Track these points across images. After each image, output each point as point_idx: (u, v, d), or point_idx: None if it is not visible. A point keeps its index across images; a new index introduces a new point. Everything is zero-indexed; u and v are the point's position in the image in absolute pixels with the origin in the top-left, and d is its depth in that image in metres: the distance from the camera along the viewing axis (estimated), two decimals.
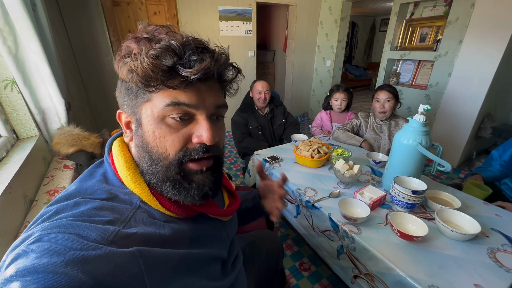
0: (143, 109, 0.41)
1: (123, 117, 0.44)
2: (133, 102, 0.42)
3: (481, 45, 2.15)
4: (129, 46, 0.39)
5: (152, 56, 0.36)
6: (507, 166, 1.35)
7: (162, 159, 0.41)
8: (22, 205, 0.81)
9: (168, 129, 0.40)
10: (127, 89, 0.42)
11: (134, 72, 0.37)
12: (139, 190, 0.42)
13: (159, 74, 0.37)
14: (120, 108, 0.44)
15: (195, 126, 0.42)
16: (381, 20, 6.60)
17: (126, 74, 0.39)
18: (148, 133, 0.41)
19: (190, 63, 0.37)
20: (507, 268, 0.72)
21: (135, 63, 0.37)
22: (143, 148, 0.42)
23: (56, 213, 0.36)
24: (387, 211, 0.97)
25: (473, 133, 2.43)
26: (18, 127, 1.09)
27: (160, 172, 0.41)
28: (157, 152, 0.41)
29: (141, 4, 2.46)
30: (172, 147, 0.41)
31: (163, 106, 0.39)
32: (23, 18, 0.95)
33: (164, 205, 0.43)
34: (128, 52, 0.39)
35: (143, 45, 0.38)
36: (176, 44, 0.37)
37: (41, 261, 0.28)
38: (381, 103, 1.56)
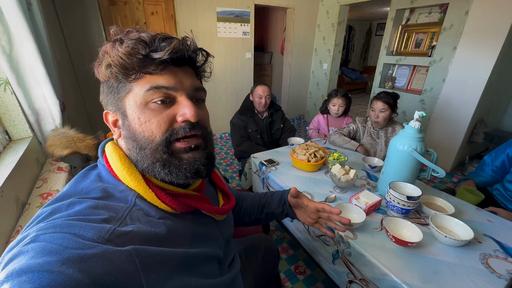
0: (126, 101, 0.43)
1: (110, 117, 0.46)
2: (116, 97, 0.44)
3: (475, 52, 2.19)
4: (104, 50, 0.42)
5: (126, 46, 0.40)
6: (498, 171, 1.37)
7: (149, 142, 0.43)
8: (14, 208, 0.80)
9: (152, 113, 0.42)
10: (108, 87, 0.44)
11: (112, 65, 0.40)
12: (135, 183, 0.42)
13: (134, 61, 0.40)
14: (105, 109, 0.47)
15: (177, 107, 0.44)
16: (378, 24, 6.68)
17: (105, 71, 0.41)
18: (134, 121, 0.43)
19: (161, 48, 0.41)
20: (498, 274, 0.73)
21: (111, 57, 0.40)
22: (131, 137, 0.44)
23: (51, 213, 0.37)
24: (382, 216, 0.98)
25: (466, 138, 2.47)
26: (10, 128, 1.07)
27: (149, 155, 0.43)
28: (144, 137, 0.43)
29: (138, 4, 2.44)
30: (158, 129, 0.42)
31: (144, 92, 0.42)
32: (17, 17, 0.94)
33: (160, 197, 0.43)
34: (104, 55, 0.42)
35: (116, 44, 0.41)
36: (145, 35, 0.41)
37: (37, 261, 0.29)
38: (376, 113, 1.57)
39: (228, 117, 2.08)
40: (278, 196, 0.78)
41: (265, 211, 0.78)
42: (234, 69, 3.24)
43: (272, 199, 0.78)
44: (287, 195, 0.75)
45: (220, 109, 3.31)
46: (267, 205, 0.78)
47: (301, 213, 0.74)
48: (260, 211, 0.78)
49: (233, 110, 2.07)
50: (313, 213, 0.71)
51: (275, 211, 0.76)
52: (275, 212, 0.76)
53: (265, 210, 0.78)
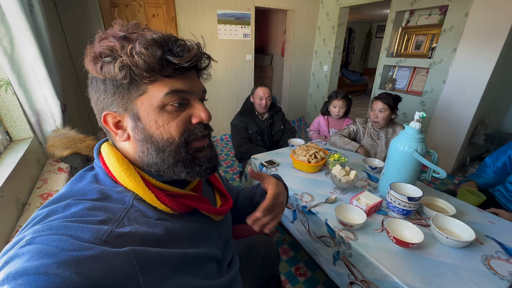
0: (138, 103, 0.42)
1: (110, 118, 0.43)
2: (124, 98, 0.42)
3: (475, 53, 2.19)
4: (108, 45, 0.39)
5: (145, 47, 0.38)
6: (500, 173, 1.37)
7: (169, 145, 0.43)
8: (14, 208, 0.80)
9: (170, 116, 0.43)
10: (115, 87, 0.41)
11: (131, 66, 0.38)
12: (134, 184, 0.42)
13: (156, 64, 0.39)
14: (105, 110, 0.43)
15: (191, 109, 0.45)
16: (378, 26, 6.70)
17: (117, 71, 0.38)
18: (150, 124, 0.42)
19: (177, 53, 0.41)
20: (501, 275, 0.73)
21: (129, 57, 0.38)
22: (146, 140, 0.43)
23: (47, 215, 0.36)
24: (383, 217, 0.98)
25: (467, 139, 2.46)
26: (11, 129, 1.07)
27: (170, 157, 0.44)
28: (163, 139, 0.43)
29: (139, 6, 2.46)
30: (176, 131, 0.43)
31: (162, 95, 0.41)
32: (19, 18, 0.94)
33: (159, 198, 0.43)
34: (109, 52, 0.39)
35: (126, 42, 0.39)
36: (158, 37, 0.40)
37: (33, 263, 0.28)
38: (375, 113, 1.57)
39: (229, 118, 2.09)
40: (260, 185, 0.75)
41: (253, 203, 0.75)
42: (235, 71, 3.25)
43: (258, 189, 0.76)
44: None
45: (221, 110, 3.31)
46: (254, 197, 0.76)
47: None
48: (250, 204, 0.76)
49: (234, 111, 2.08)
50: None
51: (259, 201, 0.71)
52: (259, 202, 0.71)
53: (253, 202, 0.75)
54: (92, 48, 0.41)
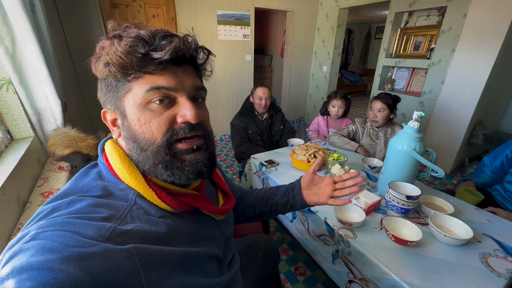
0: (125, 101, 0.42)
1: (108, 116, 0.45)
2: (114, 97, 0.43)
3: (473, 54, 2.21)
4: (102, 46, 0.41)
5: (125, 45, 0.38)
6: (497, 172, 1.38)
7: (150, 144, 0.42)
8: (16, 207, 0.80)
9: (152, 114, 0.42)
10: (107, 85, 0.43)
11: (111, 64, 0.39)
12: (135, 182, 0.42)
13: (133, 61, 0.39)
14: (104, 107, 0.46)
15: (177, 108, 0.43)
16: (377, 27, 6.73)
17: (103, 69, 0.40)
18: (134, 121, 0.42)
19: (161, 47, 0.40)
20: (498, 273, 0.73)
21: (109, 55, 0.39)
22: (131, 138, 0.43)
23: (52, 211, 0.37)
24: (382, 216, 0.98)
25: (466, 139, 2.48)
26: (12, 128, 1.08)
27: (151, 157, 0.43)
28: (145, 138, 0.42)
29: (139, 6, 2.47)
30: (158, 130, 0.42)
31: (144, 92, 0.41)
32: (21, 18, 0.95)
33: (160, 196, 0.43)
34: (102, 52, 0.41)
35: (115, 41, 0.40)
36: (145, 33, 0.40)
37: (37, 259, 0.29)
38: (374, 112, 1.59)
39: (228, 119, 2.09)
40: (284, 187, 0.78)
41: (269, 203, 0.77)
42: (234, 72, 3.26)
43: (278, 190, 0.78)
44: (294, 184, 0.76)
45: (220, 111, 3.32)
46: (272, 197, 0.78)
47: (313, 192, 0.73)
48: (265, 204, 0.78)
49: (233, 112, 2.09)
50: (329, 186, 0.71)
51: (279, 201, 0.76)
52: (279, 203, 0.76)
53: (270, 202, 0.77)
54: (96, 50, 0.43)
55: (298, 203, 0.75)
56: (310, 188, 0.74)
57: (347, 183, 0.71)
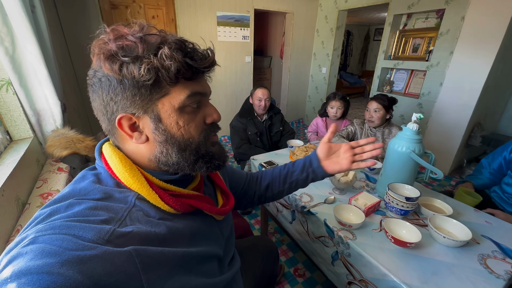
0: (159, 105, 0.42)
1: (125, 121, 0.42)
2: (145, 100, 0.41)
3: (471, 56, 2.22)
4: (127, 44, 0.39)
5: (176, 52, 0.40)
6: (496, 174, 1.38)
7: (189, 144, 0.46)
8: (15, 208, 0.80)
9: (189, 117, 0.45)
10: (136, 88, 0.40)
11: (161, 70, 0.39)
12: (138, 185, 0.42)
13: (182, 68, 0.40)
14: (120, 111, 0.41)
15: (205, 110, 0.48)
16: (375, 29, 6.76)
17: (144, 72, 0.38)
18: (171, 125, 0.43)
19: (197, 57, 0.42)
20: (497, 274, 0.74)
21: (163, 62, 0.39)
22: (168, 141, 0.44)
23: (50, 215, 0.36)
24: (381, 217, 0.98)
25: (464, 141, 2.49)
26: (12, 129, 1.07)
27: (191, 155, 0.46)
28: (184, 139, 0.45)
29: (139, 7, 2.47)
30: (196, 131, 0.46)
31: (184, 97, 0.43)
32: (21, 19, 0.95)
33: (163, 199, 0.43)
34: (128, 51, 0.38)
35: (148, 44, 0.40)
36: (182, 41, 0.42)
37: (36, 263, 0.28)
38: (370, 112, 1.61)
39: (228, 120, 2.10)
40: (300, 163, 0.77)
41: (288, 181, 0.78)
42: (234, 73, 3.27)
43: (295, 167, 0.78)
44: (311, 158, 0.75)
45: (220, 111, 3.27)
46: (289, 175, 0.78)
47: (333, 161, 0.72)
48: (283, 183, 0.78)
49: (233, 113, 2.09)
50: (348, 151, 0.70)
51: (298, 177, 0.76)
52: (299, 179, 0.76)
53: (288, 180, 0.78)
54: (105, 45, 0.39)
55: (319, 175, 0.74)
56: (329, 158, 0.73)
57: (366, 147, 0.70)
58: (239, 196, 0.79)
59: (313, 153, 0.75)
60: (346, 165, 0.70)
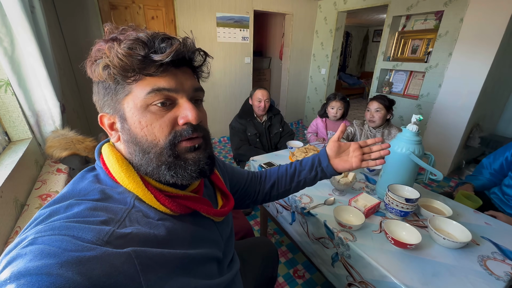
0: (124, 104, 0.42)
1: (106, 120, 0.45)
2: (113, 100, 0.42)
3: (470, 58, 2.23)
4: (99, 48, 0.40)
5: (125, 47, 0.38)
6: (496, 174, 1.38)
7: (153, 146, 0.42)
8: (13, 209, 0.79)
9: (154, 116, 0.42)
10: (105, 88, 0.42)
11: (111, 67, 0.39)
12: (134, 185, 0.42)
13: (134, 63, 0.39)
14: (101, 111, 0.45)
15: (178, 109, 0.43)
16: (374, 31, 6.79)
17: (102, 72, 0.40)
18: (134, 124, 0.42)
19: (161, 49, 0.40)
20: (497, 275, 0.74)
21: (110, 58, 0.38)
22: (132, 141, 0.43)
23: (50, 216, 0.36)
24: (381, 219, 0.98)
25: (463, 142, 2.50)
26: (10, 129, 1.07)
27: (154, 159, 0.43)
28: (147, 141, 0.42)
29: (139, 8, 2.47)
30: (160, 133, 0.42)
31: (144, 95, 0.41)
32: (21, 20, 0.95)
33: (159, 199, 0.43)
34: (100, 54, 0.40)
35: (114, 43, 0.39)
36: (144, 35, 0.40)
37: (35, 264, 0.28)
38: (371, 112, 1.62)
39: (227, 121, 2.10)
40: (309, 162, 0.76)
41: (295, 180, 0.77)
42: (233, 74, 3.27)
43: (303, 165, 0.77)
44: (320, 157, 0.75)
45: (219, 113, 3.32)
46: (297, 174, 0.77)
47: (343, 160, 0.72)
48: (290, 181, 0.78)
49: (232, 114, 2.09)
50: (358, 150, 0.71)
51: (307, 176, 0.76)
52: (307, 178, 0.76)
53: (296, 179, 0.77)
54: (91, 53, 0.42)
55: (328, 174, 0.74)
56: (339, 157, 0.73)
57: (373, 147, 0.71)
58: (241, 195, 0.78)
59: (322, 151, 0.75)
60: (356, 163, 0.70)
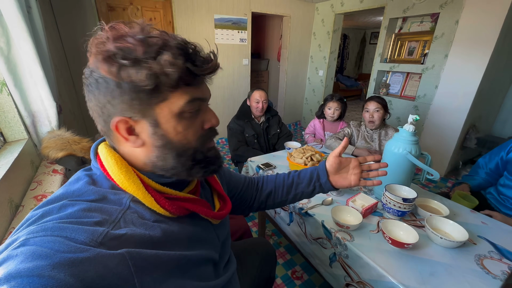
0: (157, 109, 0.41)
1: (122, 124, 0.41)
2: (143, 104, 0.40)
3: (465, 60, 2.25)
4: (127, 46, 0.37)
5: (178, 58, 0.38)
6: (492, 174, 1.39)
7: (186, 149, 0.45)
8: (8, 210, 0.78)
9: (187, 122, 0.44)
10: (135, 92, 0.38)
11: (161, 76, 0.37)
12: (134, 188, 0.41)
13: (182, 73, 0.39)
14: (116, 115, 0.40)
15: (203, 115, 0.47)
16: (371, 33, 6.84)
17: (143, 78, 0.37)
18: (169, 130, 0.42)
19: (199, 63, 0.41)
20: (494, 274, 0.74)
21: (162, 68, 0.37)
22: (166, 146, 0.43)
23: (42, 216, 0.35)
24: (378, 219, 0.99)
25: (459, 143, 2.52)
26: (6, 130, 1.06)
27: (188, 161, 0.45)
28: (182, 145, 0.44)
29: (136, 10, 2.47)
30: (193, 136, 0.45)
31: (183, 103, 0.42)
32: (17, 20, 0.94)
33: (159, 202, 0.42)
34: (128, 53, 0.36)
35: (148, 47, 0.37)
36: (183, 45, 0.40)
37: (27, 265, 0.28)
38: (370, 113, 1.61)
39: (225, 122, 2.09)
40: (307, 175, 0.76)
41: (292, 193, 0.77)
42: (231, 75, 3.27)
43: (300, 179, 0.77)
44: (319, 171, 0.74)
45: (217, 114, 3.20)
46: (294, 186, 0.77)
47: (342, 177, 0.72)
48: (286, 193, 0.77)
49: (230, 115, 2.09)
50: (357, 168, 0.71)
51: (304, 190, 0.76)
52: (305, 192, 0.76)
53: (293, 192, 0.77)
54: (103, 44, 0.38)
55: (326, 190, 0.75)
56: (339, 173, 0.73)
57: (372, 166, 0.73)
58: (237, 200, 0.78)
59: (322, 165, 0.74)
60: (355, 182, 0.71)
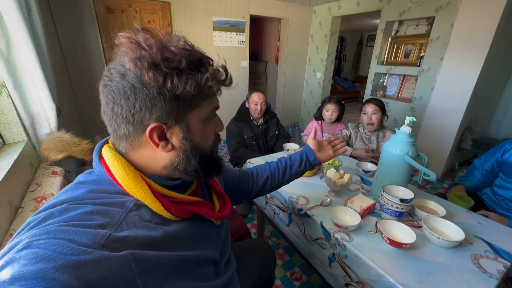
0: (189, 116, 0.45)
1: (156, 130, 0.42)
2: (180, 112, 0.43)
3: (461, 62, 2.29)
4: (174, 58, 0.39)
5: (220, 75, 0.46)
6: (487, 175, 1.41)
7: (205, 151, 0.50)
8: (7, 212, 0.78)
9: (209, 128, 0.50)
10: (176, 100, 0.41)
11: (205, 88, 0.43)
12: (142, 193, 0.41)
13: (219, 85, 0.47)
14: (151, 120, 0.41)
15: (214, 121, 0.52)
16: (368, 36, 6.91)
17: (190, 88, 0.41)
18: (197, 135, 0.47)
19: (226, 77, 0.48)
20: (489, 273, 0.75)
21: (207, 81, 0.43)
22: (194, 150, 0.47)
23: (45, 219, 0.36)
24: (376, 219, 1.00)
25: (455, 145, 2.54)
26: (5, 132, 1.06)
27: (207, 162, 0.50)
28: (204, 148, 0.49)
29: (135, 12, 2.48)
30: (210, 141, 0.51)
31: (210, 111, 0.48)
32: (17, 22, 0.95)
33: (166, 207, 0.43)
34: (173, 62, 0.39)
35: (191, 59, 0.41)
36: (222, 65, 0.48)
37: (30, 268, 0.28)
38: (368, 115, 1.63)
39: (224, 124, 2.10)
40: (297, 157, 0.92)
41: (287, 174, 0.90)
42: None
43: (292, 161, 0.91)
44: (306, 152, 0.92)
45: None
46: (289, 168, 0.90)
47: (323, 153, 0.93)
48: (283, 175, 0.90)
49: (228, 117, 2.10)
50: (328, 145, 0.95)
51: (298, 170, 0.91)
52: (298, 171, 0.91)
53: (288, 173, 0.90)
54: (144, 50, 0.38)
55: (314, 166, 0.93)
56: (321, 151, 0.93)
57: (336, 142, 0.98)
58: (234, 192, 0.82)
59: (307, 148, 0.94)
60: (332, 153, 0.94)
